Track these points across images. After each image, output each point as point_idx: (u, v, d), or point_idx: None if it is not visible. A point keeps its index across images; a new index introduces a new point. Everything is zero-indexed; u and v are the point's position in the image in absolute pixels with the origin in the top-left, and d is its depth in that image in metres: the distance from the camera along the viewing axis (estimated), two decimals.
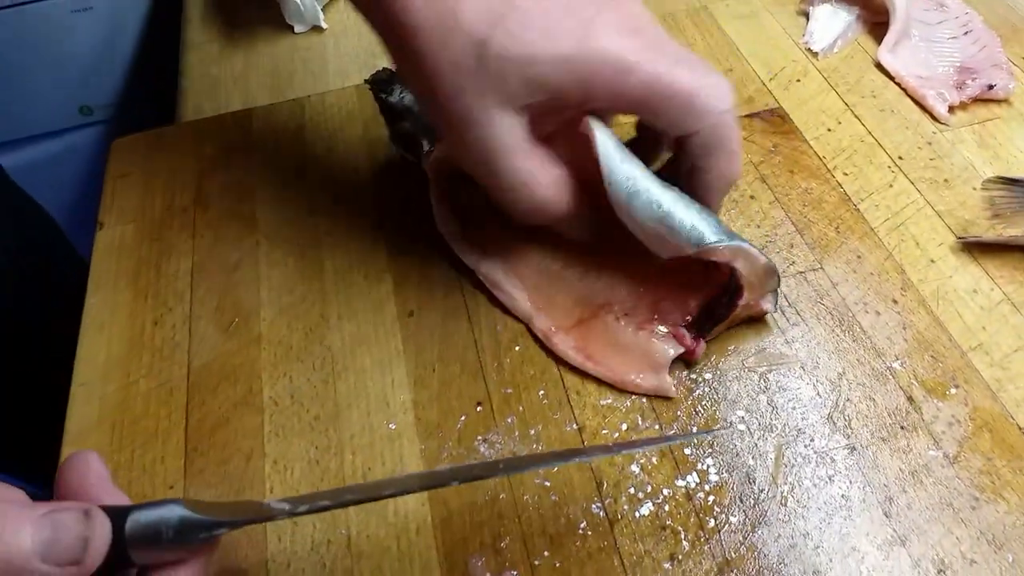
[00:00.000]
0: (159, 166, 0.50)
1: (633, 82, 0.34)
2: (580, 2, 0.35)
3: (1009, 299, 0.40)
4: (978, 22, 0.53)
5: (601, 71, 0.34)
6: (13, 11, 0.86)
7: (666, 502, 0.34)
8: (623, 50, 0.34)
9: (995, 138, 0.47)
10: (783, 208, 0.45)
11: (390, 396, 0.39)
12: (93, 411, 0.39)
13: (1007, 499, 0.33)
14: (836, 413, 0.37)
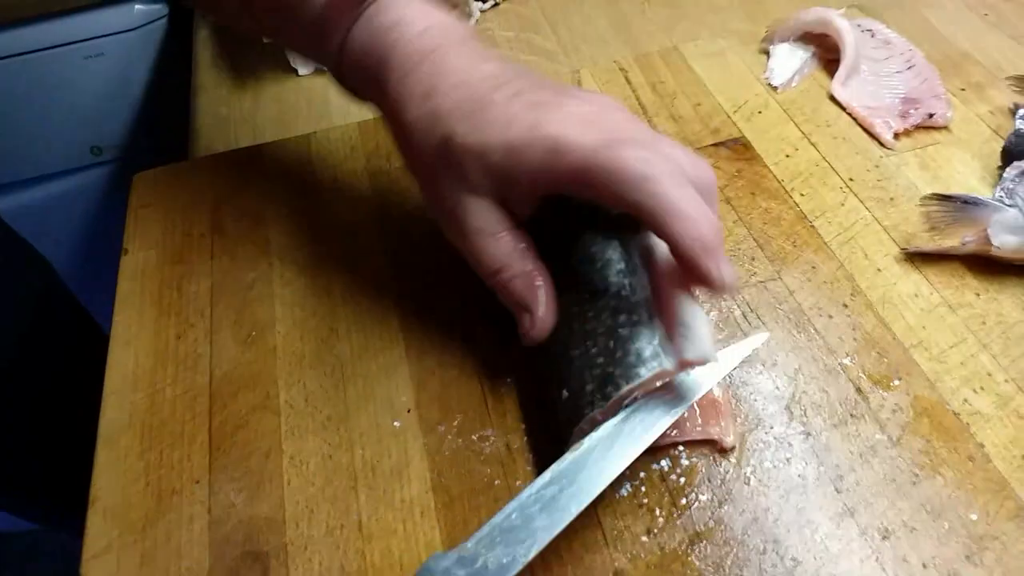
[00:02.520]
0: (177, 197, 0.55)
1: (568, 161, 0.35)
2: (547, 95, 0.37)
3: (946, 302, 0.45)
4: (920, 58, 0.59)
5: (540, 153, 0.36)
6: (28, 57, 0.91)
7: (642, 483, 0.38)
8: (566, 133, 0.35)
9: (935, 161, 0.53)
10: (745, 226, 0.50)
11: (395, 398, 0.43)
12: (124, 416, 0.43)
13: (943, 475, 0.38)
14: (793, 404, 0.41)
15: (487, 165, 0.37)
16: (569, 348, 0.38)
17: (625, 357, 0.36)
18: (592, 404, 0.36)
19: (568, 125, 0.36)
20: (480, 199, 0.38)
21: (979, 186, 0.51)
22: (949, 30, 0.63)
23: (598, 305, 0.38)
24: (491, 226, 0.39)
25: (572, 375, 0.37)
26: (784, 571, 0.35)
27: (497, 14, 0.71)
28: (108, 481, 0.41)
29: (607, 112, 0.38)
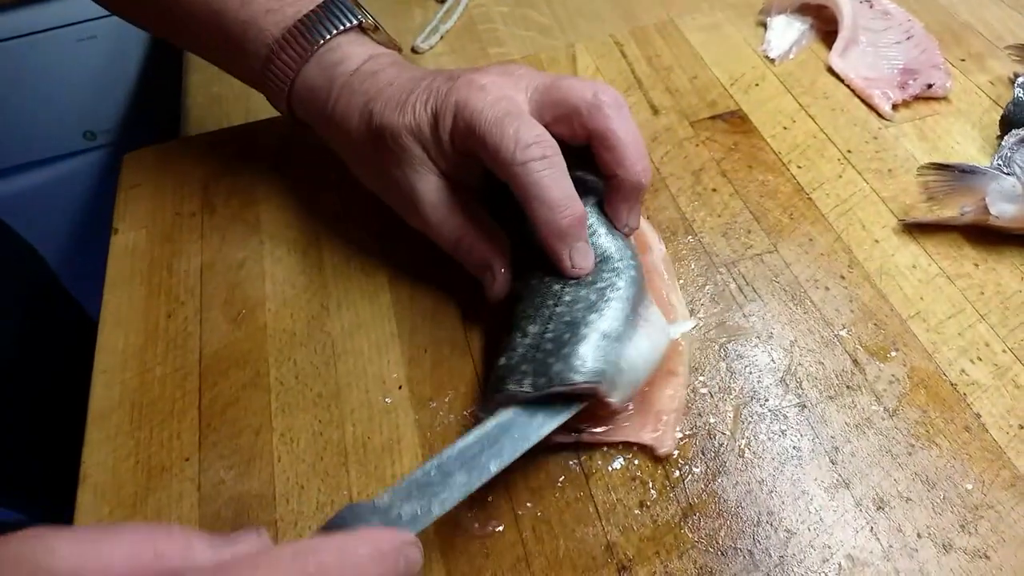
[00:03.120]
0: (167, 176, 0.54)
1: (467, 124, 0.39)
2: (460, 73, 0.41)
3: (944, 273, 0.44)
4: (919, 28, 0.58)
5: (452, 117, 0.39)
6: (20, 41, 0.91)
7: (635, 456, 0.38)
8: (467, 97, 0.39)
9: (934, 131, 0.52)
10: (742, 199, 0.49)
11: (386, 375, 0.42)
12: (114, 395, 0.43)
13: (939, 445, 0.37)
14: (788, 376, 0.40)
15: (422, 139, 0.41)
16: (531, 321, 0.38)
17: (571, 357, 0.35)
18: (520, 384, 0.35)
19: (473, 90, 0.39)
20: (428, 176, 0.41)
21: (979, 156, 0.50)
22: (949, 0, 0.62)
23: (579, 293, 0.38)
24: (441, 197, 0.42)
25: (518, 347, 0.37)
26: (778, 542, 0.35)
27: None
28: (98, 459, 0.40)
29: (513, 75, 0.41)
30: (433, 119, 0.40)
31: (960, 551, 0.34)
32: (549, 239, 0.38)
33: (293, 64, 0.44)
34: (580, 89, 0.39)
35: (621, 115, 0.39)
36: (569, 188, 0.38)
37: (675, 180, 0.50)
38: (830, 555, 0.34)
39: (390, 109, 0.41)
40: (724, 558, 0.35)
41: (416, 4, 0.69)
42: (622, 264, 0.39)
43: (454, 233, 0.42)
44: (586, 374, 0.35)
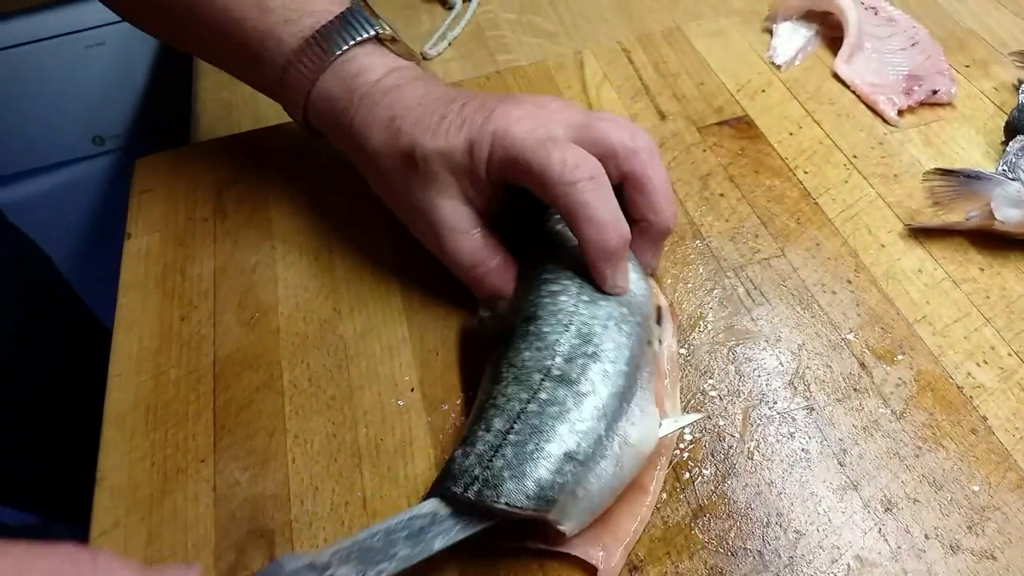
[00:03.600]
0: (180, 181, 0.55)
1: (509, 153, 0.39)
2: (494, 102, 0.41)
3: (950, 277, 0.45)
4: (924, 35, 0.58)
5: (489, 147, 0.39)
6: (30, 47, 0.92)
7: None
8: (508, 127, 0.39)
9: (939, 137, 0.52)
10: (749, 204, 0.50)
11: (398, 377, 0.43)
12: (129, 397, 0.43)
13: (946, 447, 0.38)
14: (796, 379, 0.41)
15: (452, 165, 0.41)
16: (499, 413, 0.35)
17: (525, 478, 0.33)
18: (467, 490, 0.33)
19: (511, 121, 0.39)
20: (449, 200, 0.41)
21: (983, 162, 0.50)
22: (953, 7, 0.62)
23: (557, 392, 0.35)
24: (463, 224, 0.42)
25: (477, 443, 0.34)
26: (787, 543, 0.35)
27: None
28: (114, 460, 0.41)
29: (547, 108, 0.41)
30: (468, 147, 0.40)
31: (967, 552, 0.35)
32: (596, 258, 0.38)
33: (310, 75, 0.45)
34: (618, 131, 0.39)
35: (655, 161, 0.40)
36: (617, 209, 0.38)
37: (683, 185, 0.51)
38: (839, 556, 0.35)
39: (420, 130, 0.41)
40: (734, 559, 0.35)
41: (424, 11, 0.70)
42: (612, 368, 0.36)
43: (471, 259, 0.42)
44: (537, 502, 0.32)
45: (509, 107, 0.40)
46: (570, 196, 0.37)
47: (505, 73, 0.61)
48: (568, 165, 0.37)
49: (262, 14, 0.45)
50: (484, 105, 0.41)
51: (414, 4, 0.70)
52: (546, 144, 0.38)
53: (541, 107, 0.41)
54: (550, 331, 0.37)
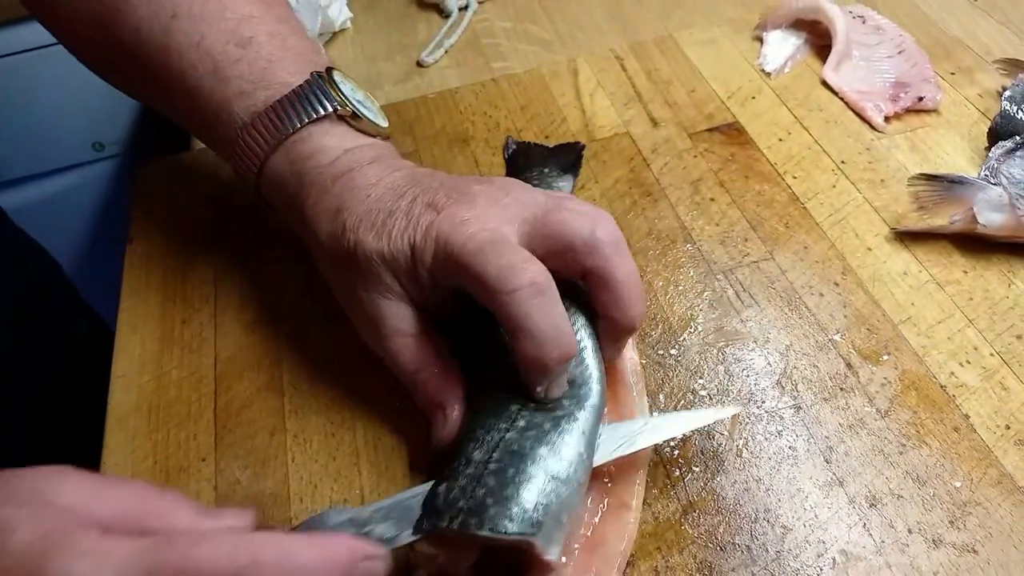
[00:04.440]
0: (181, 186, 0.56)
1: (451, 262, 0.36)
2: (442, 198, 0.38)
3: (934, 279, 0.46)
4: (910, 43, 0.60)
5: (432, 253, 0.37)
6: (31, 55, 0.92)
7: None
8: (449, 234, 0.37)
9: (925, 143, 0.54)
10: (739, 208, 0.51)
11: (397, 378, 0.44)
12: (131, 398, 0.44)
13: (929, 444, 0.39)
14: (784, 379, 0.42)
15: (394, 269, 0.39)
16: (478, 445, 0.35)
17: (509, 502, 0.32)
18: (451, 523, 0.32)
19: (455, 224, 0.37)
20: (394, 302, 0.39)
21: (968, 167, 0.52)
22: (940, 16, 0.64)
23: (533, 419, 0.35)
24: (406, 327, 0.40)
25: (458, 477, 0.34)
26: (775, 538, 0.36)
27: (494, 5, 0.72)
28: (118, 460, 0.42)
29: (501, 203, 0.38)
30: (410, 251, 0.38)
31: (949, 546, 0.36)
32: (530, 372, 0.35)
33: (260, 152, 0.42)
34: (577, 224, 0.36)
35: (619, 253, 0.36)
36: (561, 320, 0.35)
37: (674, 190, 0.52)
38: (824, 550, 0.36)
39: (365, 229, 0.39)
40: (723, 553, 0.36)
41: (421, 19, 0.71)
42: (583, 391, 0.36)
43: (411, 365, 0.39)
44: (521, 525, 0.32)
45: (458, 208, 0.38)
46: (508, 307, 0.34)
47: (500, 81, 0.62)
48: (505, 272, 0.34)
49: (218, 84, 0.43)
50: (433, 203, 0.38)
51: (411, 12, 0.72)
52: (483, 248, 0.35)
53: (495, 203, 0.38)
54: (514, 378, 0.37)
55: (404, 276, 0.39)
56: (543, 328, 0.34)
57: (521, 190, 0.39)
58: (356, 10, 0.71)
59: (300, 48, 0.45)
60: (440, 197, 0.39)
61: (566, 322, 0.35)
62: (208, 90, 0.43)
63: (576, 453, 0.34)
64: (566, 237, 0.36)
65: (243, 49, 0.43)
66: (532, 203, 0.38)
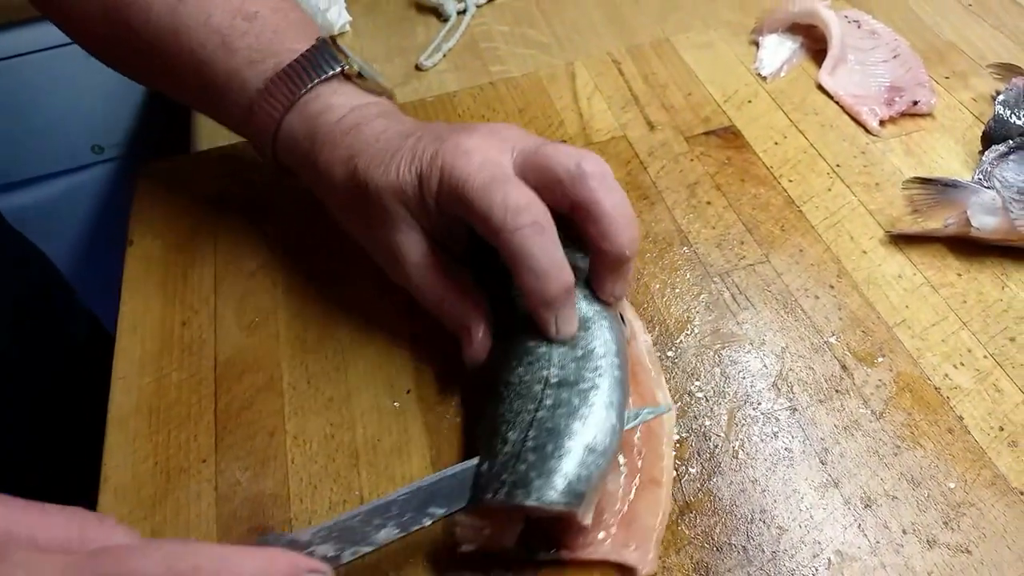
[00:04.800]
0: (181, 189, 0.56)
1: (456, 191, 0.38)
2: (446, 133, 0.41)
3: (929, 282, 0.46)
4: (905, 47, 0.60)
5: (438, 182, 0.39)
6: (31, 57, 0.93)
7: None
8: (454, 163, 0.38)
9: (919, 147, 0.54)
10: (735, 211, 0.51)
11: (394, 379, 0.44)
12: (132, 400, 0.45)
13: (924, 446, 0.39)
14: (780, 381, 0.42)
15: (405, 199, 0.40)
16: (511, 427, 0.36)
17: (553, 475, 0.34)
18: (497, 493, 0.34)
19: (459, 154, 0.39)
20: (411, 235, 0.41)
21: (962, 170, 0.52)
22: (934, 20, 0.64)
23: (560, 395, 0.36)
24: (426, 259, 0.42)
25: (498, 455, 0.35)
26: (771, 538, 0.37)
27: (492, 8, 0.72)
28: (118, 461, 0.42)
29: (500, 134, 0.40)
30: (418, 181, 0.40)
31: (943, 546, 0.36)
32: (536, 306, 0.38)
33: (274, 114, 0.45)
34: (564, 158, 0.38)
35: (606, 186, 0.38)
36: (558, 256, 0.37)
37: (671, 193, 0.52)
38: (820, 550, 0.36)
39: (374, 167, 0.41)
40: (719, 554, 0.36)
41: (419, 23, 0.71)
42: (605, 362, 0.37)
43: (435, 292, 0.42)
44: (567, 496, 0.33)
45: (460, 138, 0.40)
46: (511, 244, 0.37)
47: (498, 84, 0.62)
48: (510, 211, 0.36)
49: (227, 55, 0.45)
50: (437, 137, 0.41)
51: (410, 16, 0.72)
52: (489, 185, 0.37)
53: (493, 135, 0.40)
54: (535, 344, 0.38)
55: (414, 207, 0.41)
56: (544, 264, 0.36)
57: (518, 129, 0.42)
58: (355, 13, 0.71)
59: (302, 20, 0.48)
60: (443, 132, 0.41)
61: (564, 258, 0.37)
62: (218, 63, 0.45)
63: (609, 425, 0.36)
64: (554, 169, 0.38)
65: (249, 23, 0.46)
66: (527, 138, 0.41)
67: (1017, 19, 0.64)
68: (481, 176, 0.38)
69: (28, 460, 0.76)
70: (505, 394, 0.38)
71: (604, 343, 0.38)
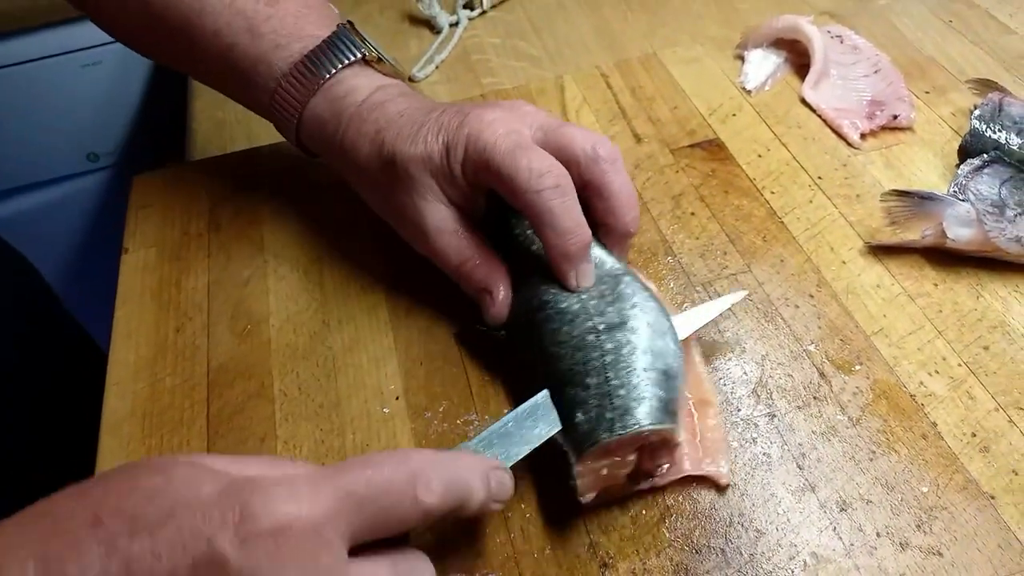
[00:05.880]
0: (176, 198, 0.57)
1: (482, 157, 0.42)
2: (470, 108, 0.44)
3: (906, 292, 0.47)
4: (886, 62, 0.61)
5: (464, 149, 0.42)
6: (27, 66, 0.94)
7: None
8: (481, 131, 0.42)
9: (899, 160, 0.55)
10: (718, 222, 0.52)
11: (384, 386, 0.45)
12: (126, 405, 0.45)
13: (898, 451, 0.40)
14: (760, 387, 0.43)
15: (431, 169, 0.43)
16: (587, 375, 0.39)
17: (649, 400, 0.37)
18: (611, 431, 0.37)
19: (484, 124, 0.42)
20: (431, 202, 0.44)
21: (940, 183, 0.53)
22: (915, 36, 0.66)
23: (616, 336, 0.39)
24: (447, 224, 0.45)
25: (589, 400, 0.38)
26: (748, 541, 0.38)
27: (484, 21, 0.74)
28: (112, 465, 0.43)
29: (520, 110, 0.44)
30: (445, 151, 0.43)
31: (916, 549, 0.37)
32: (557, 261, 0.42)
33: (300, 97, 0.47)
34: (582, 140, 0.42)
35: (615, 168, 0.42)
36: (578, 215, 0.41)
37: (656, 204, 0.54)
38: (796, 553, 0.37)
39: (401, 140, 0.44)
40: (699, 556, 0.37)
41: (412, 35, 0.72)
42: (639, 299, 0.41)
43: (457, 257, 0.45)
44: (667, 416, 0.37)
45: (483, 111, 0.43)
46: (536, 204, 0.40)
47: (489, 96, 0.63)
48: (535, 173, 0.40)
49: (253, 40, 0.47)
50: (460, 111, 0.44)
51: (403, 28, 0.73)
52: (515, 151, 0.41)
53: (513, 110, 0.44)
54: (568, 305, 0.42)
55: (439, 175, 0.43)
56: (565, 222, 0.41)
57: (532, 106, 0.45)
58: None
59: (320, 5, 0.50)
60: (465, 107, 0.44)
61: (582, 217, 0.41)
62: (244, 46, 0.48)
63: (672, 349, 0.40)
64: (572, 148, 0.42)
65: (272, 8, 0.48)
66: (544, 115, 0.44)
67: (996, 35, 0.65)
68: (506, 143, 0.41)
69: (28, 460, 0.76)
70: (562, 353, 0.40)
71: (629, 285, 0.42)
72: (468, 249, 0.45)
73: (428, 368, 0.46)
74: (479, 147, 0.42)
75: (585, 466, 0.37)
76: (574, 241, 0.41)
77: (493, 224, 0.47)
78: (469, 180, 0.43)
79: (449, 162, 0.43)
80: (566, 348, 0.40)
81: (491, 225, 0.47)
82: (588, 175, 0.42)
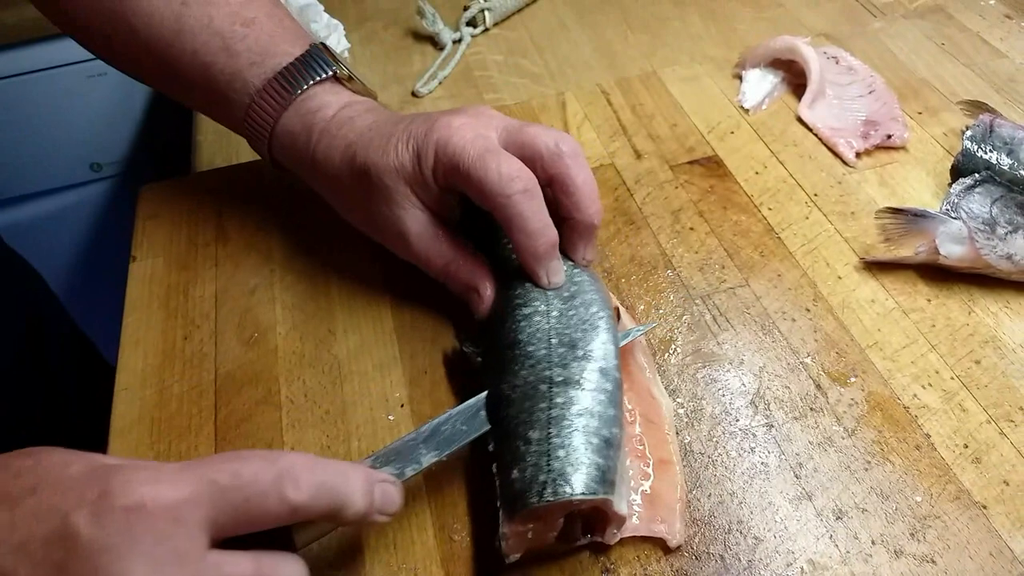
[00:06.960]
0: (183, 208, 0.58)
1: (452, 161, 0.43)
2: (436, 115, 0.45)
3: (900, 307, 0.49)
4: (880, 83, 0.63)
5: (434, 154, 0.43)
6: (33, 77, 0.95)
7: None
8: (449, 136, 0.43)
9: (893, 178, 0.57)
10: (717, 237, 0.53)
11: (389, 394, 0.46)
12: (134, 411, 0.46)
13: (893, 462, 0.41)
14: (757, 399, 0.44)
15: (405, 176, 0.45)
16: (530, 427, 0.38)
17: (590, 468, 0.36)
18: (541, 496, 0.36)
19: (452, 130, 0.43)
20: (410, 209, 0.46)
21: (932, 201, 0.55)
22: (909, 58, 0.67)
23: (568, 394, 0.39)
24: (427, 228, 0.46)
25: (526, 456, 0.37)
26: (747, 548, 0.38)
27: (487, 39, 0.75)
28: None
29: (484, 115, 0.45)
30: (416, 158, 0.44)
31: (910, 556, 0.38)
32: (528, 261, 0.43)
33: (273, 112, 0.48)
34: (544, 136, 0.43)
35: (578, 163, 0.43)
36: (545, 217, 0.43)
37: (656, 219, 0.55)
38: (793, 560, 0.38)
39: (373, 151, 0.45)
40: (698, 562, 0.38)
41: (416, 51, 0.74)
42: (605, 363, 0.40)
43: (441, 260, 0.46)
44: (603, 486, 0.36)
45: (449, 117, 0.44)
46: (506, 208, 0.42)
47: None
48: (505, 178, 0.41)
49: (229, 58, 0.49)
50: (427, 119, 0.45)
51: (407, 44, 0.75)
52: (484, 156, 0.42)
53: (477, 115, 0.45)
54: (534, 349, 0.41)
55: (413, 182, 0.45)
56: (534, 224, 0.42)
57: (497, 112, 0.46)
58: (354, 41, 0.74)
59: (294, 26, 0.52)
60: (431, 115, 0.46)
61: (549, 219, 0.43)
62: (221, 65, 0.49)
63: (618, 419, 0.39)
64: (535, 145, 0.43)
65: (247, 28, 0.49)
66: (506, 118, 0.45)
67: (987, 58, 0.67)
68: (475, 148, 0.42)
69: None
70: (512, 396, 0.40)
71: (603, 344, 0.41)
72: (450, 251, 0.46)
73: (433, 377, 0.47)
74: (448, 152, 0.43)
75: (511, 528, 0.36)
76: (543, 242, 0.42)
77: (469, 227, 0.48)
78: (441, 184, 0.44)
79: (421, 169, 0.44)
80: (516, 392, 0.40)
81: (467, 228, 0.48)
82: (552, 170, 0.43)
